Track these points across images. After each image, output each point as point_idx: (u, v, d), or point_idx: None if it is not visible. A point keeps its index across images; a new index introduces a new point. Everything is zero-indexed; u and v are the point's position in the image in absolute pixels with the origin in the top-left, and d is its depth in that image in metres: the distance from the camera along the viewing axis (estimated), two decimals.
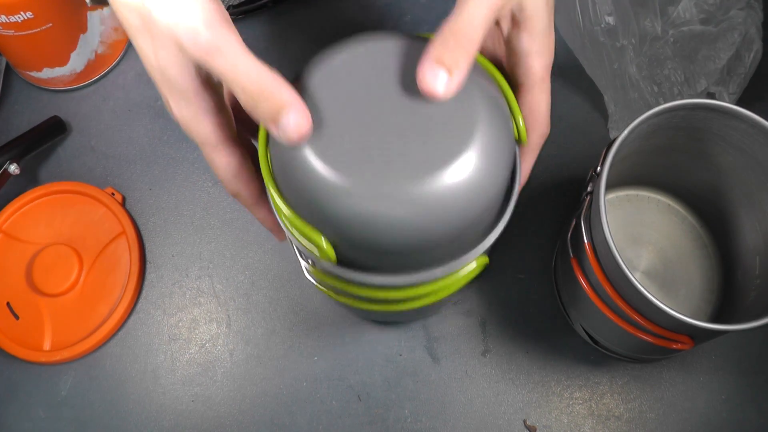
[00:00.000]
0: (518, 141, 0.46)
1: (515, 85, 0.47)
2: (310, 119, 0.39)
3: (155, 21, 0.40)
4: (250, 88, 0.39)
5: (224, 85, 0.43)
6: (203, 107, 0.43)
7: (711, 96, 0.66)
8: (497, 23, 0.45)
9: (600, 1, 0.64)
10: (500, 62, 0.48)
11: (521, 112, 0.46)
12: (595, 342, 0.63)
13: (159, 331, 0.67)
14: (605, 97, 0.68)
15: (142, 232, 0.70)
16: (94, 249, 0.68)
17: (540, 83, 0.46)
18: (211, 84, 0.43)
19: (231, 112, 0.46)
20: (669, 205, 0.67)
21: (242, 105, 0.40)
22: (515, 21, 0.44)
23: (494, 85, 0.44)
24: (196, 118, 0.43)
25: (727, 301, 0.64)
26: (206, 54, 0.40)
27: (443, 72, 0.39)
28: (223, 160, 0.45)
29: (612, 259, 0.49)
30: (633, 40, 0.64)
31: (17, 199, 0.70)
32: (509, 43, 0.45)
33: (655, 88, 0.65)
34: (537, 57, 0.45)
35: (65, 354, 0.65)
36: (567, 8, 0.66)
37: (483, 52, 0.48)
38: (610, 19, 0.64)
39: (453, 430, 0.63)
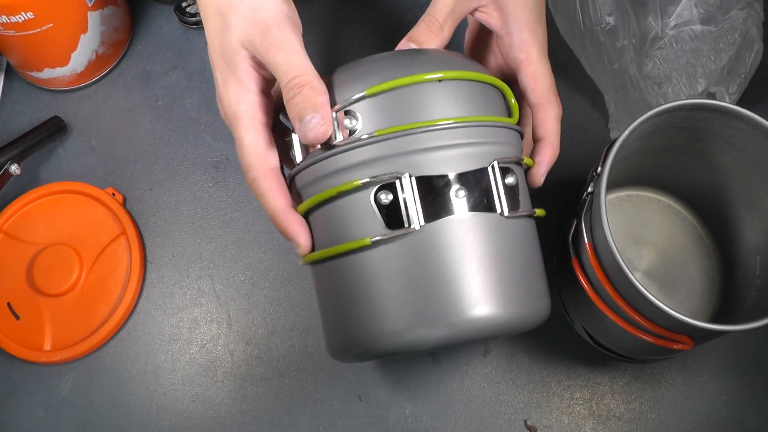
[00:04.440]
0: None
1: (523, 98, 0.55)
2: (330, 129, 0.45)
3: (232, 16, 0.47)
4: (296, 80, 0.45)
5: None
6: (248, 84, 0.48)
7: (711, 96, 0.66)
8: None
9: (600, 1, 0.64)
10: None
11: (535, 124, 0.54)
12: (596, 342, 0.63)
13: (159, 332, 0.67)
14: (606, 98, 0.68)
15: (143, 233, 0.70)
16: (95, 249, 0.68)
17: (547, 100, 0.54)
18: (260, 68, 0.48)
19: (271, 105, 0.50)
20: (669, 205, 0.67)
21: (283, 96, 0.46)
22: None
23: None
24: (239, 93, 0.48)
25: (727, 301, 0.64)
26: (269, 47, 0.46)
27: None
28: (251, 135, 0.48)
29: (612, 259, 0.49)
30: (633, 40, 0.64)
31: (18, 199, 0.70)
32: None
33: (656, 88, 0.65)
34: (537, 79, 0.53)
35: (66, 354, 0.65)
36: (567, 8, 0.66)
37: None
38: (611, 19, 0.64)
39: (453, 431, 0.63)
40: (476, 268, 0.45)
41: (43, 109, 0.74)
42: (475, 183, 0.46)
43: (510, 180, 0.48)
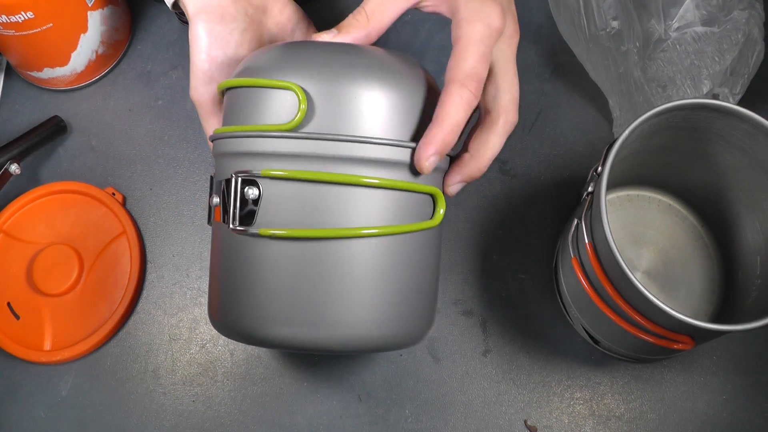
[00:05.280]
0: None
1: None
2: None
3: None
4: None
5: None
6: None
7: (715, 98, 0.66)
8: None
9: (605, 5, 0.64)
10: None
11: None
12: (596, 342, 0.63)
13: (159, 331, 0.67)
14: (610, 102, 0.68)
15: (143, 232, 0.70)
16: (95, 249, 0.68)
17: (472, 47, 0.48)
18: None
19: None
20: (670, 205, 0.67)
21: None
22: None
23: None
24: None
25: (727, 301, 0.64)
26: (194, 103, 0.54)
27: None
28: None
29: (613, 259, 0.49)
30: (637, 43, 0.64)
31: (18, 199, 0.70)
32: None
33: (660, 91, 0.65)
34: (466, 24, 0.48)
35: (66, 354, 0.65)
36: (571, 13, 0.66)
37: None
38: (616, 23, 0.63)
39: (454, 431, 0.63)
40: (215, 276, 0.50)
41: (43, 109, 0.74)
42: (223, 192, 0.48)
43: (249, 193, 0.46)
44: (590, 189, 0.54)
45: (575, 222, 0.56)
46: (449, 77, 0.47)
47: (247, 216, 0.46)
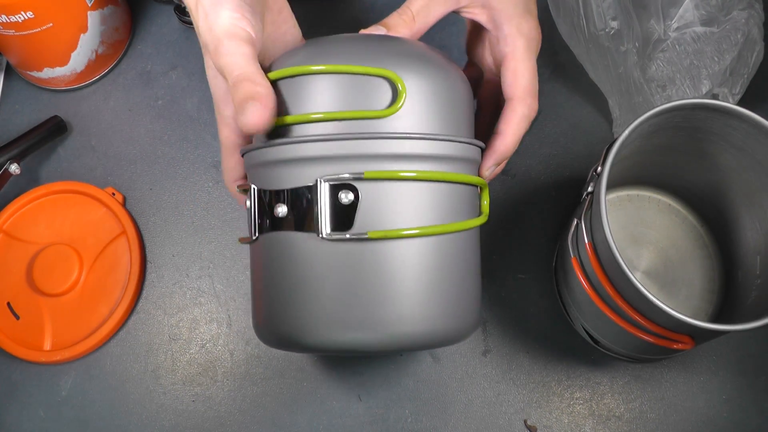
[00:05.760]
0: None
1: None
2: (270, 117, 0.44)
3: (200, 29, 0.48)
4: (237, 77, 0.44)
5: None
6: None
7: (715, 97, 0.66)
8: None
9: (604, 5, 0.64)
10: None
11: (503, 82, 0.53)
12: (596, 342, 0.63)
13: (159, 331, 0.67)
14: (609, 102, 0.68)
15: (143, 232, 0.70)
16: (95, 249, 0.68)
17: (518, 54, 0.52)
18: None
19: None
20: (669, 205, 0.67)
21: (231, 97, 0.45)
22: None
23: None
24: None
25: (727, 301, 0.64)
26: (218, 56, 0.45)
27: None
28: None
29: (613, 258, 0.49)
30: (636, 44, 0.64)
31: (18, 199, 0.70)
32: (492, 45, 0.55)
33: (660, 91, 0.65)
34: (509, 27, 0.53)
35: (65, 354, 0.65)
36: (570, 14, 0.66)
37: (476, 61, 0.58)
38: (615, 24, 0.64)
39: (453, 430, 0.63)
40: (263, 287, 0.48)
41: (42, 109, 0.74)
42: (297, 201, 0.45)
43: (343, 197, 0.44)
44: (590, 189, 0.54)
45: (575, 222, 0.56)
46: (510, 94, 0.52)
47: (344, 221, 0.44)
